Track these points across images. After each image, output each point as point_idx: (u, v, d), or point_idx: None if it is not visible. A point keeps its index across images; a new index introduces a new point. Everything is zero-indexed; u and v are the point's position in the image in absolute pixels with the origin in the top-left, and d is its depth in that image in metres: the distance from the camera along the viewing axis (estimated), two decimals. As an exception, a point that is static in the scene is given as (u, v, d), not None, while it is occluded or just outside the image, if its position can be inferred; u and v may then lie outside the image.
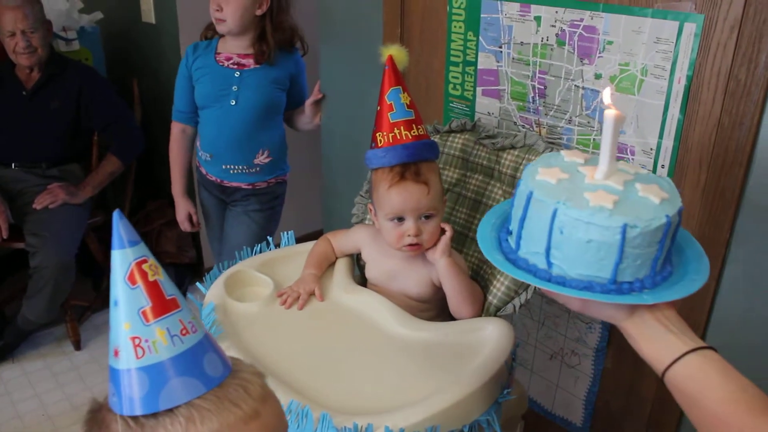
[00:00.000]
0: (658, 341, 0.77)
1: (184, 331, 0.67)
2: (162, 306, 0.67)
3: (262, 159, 2.24)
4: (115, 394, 0.66)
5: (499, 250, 0.86)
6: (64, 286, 2.53)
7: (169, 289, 0.68)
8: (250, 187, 2.27)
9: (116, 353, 0.66)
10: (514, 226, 0.85)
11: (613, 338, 1.63)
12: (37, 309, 2.53)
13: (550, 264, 0.79)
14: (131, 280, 0.66)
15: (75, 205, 2.60)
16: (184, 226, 2.42)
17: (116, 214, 0.66)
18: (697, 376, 0.74)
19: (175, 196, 2.39)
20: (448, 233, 1.32)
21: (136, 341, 0.65)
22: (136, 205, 3.21)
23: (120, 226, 0.66)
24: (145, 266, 0.67)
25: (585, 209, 0.76)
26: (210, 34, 2.23)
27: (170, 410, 0.65)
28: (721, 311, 1.41)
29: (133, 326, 0.65)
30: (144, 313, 0.66)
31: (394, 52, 1.33)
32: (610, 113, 0.78)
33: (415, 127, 1.31)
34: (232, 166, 2.23)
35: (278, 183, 2.34)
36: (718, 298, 1.41)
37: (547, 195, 0.78)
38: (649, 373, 1.56)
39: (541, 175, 0.82)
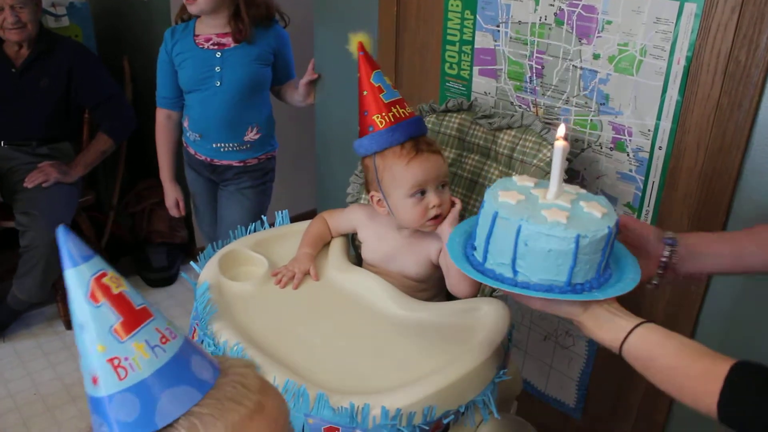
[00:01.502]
0: (609, 325, 0.92)
1: (163, 339, 0.62)
2: (134, 318, 0.61)
3: (251, 136, 2.23)
4: (104, 423, 0.61)
5: (468, 263, 0.98)
6: (54, 266, 2.50)
7: (137, 298, 0.62)
8: (241, 164, 2.26)
9: (95, 380, 0.60)
10: (479, 242, 0.96)
11: (607, 320, 1.63)
12: (28, 288, 2.51)
13: (515, 272, 0.92)
14: (94, 298, 0.60)
15: (66, 184, 2.57)
16: (173, 211, 2.43)
17: (61, 231, 0.59)
18: (645, 343, 0.89)
19: (163, 181, 2.38)
20: (458, 206, 1.32)
21: (115, 362, 0.60)
22: (127, 184, 3.18)
23: (69, 243, 0.59)
24: (105, 280, 0.61)
25: (544, 224, 0.88)
26: (186, 15, 2.19)
27: (169, 425, 0.61)
28: (716, 292, 1.41)
29: (108, 347, 0.60)
30: (116, 330, 0.60)
31: (362, 38, 1.34)
32: (559, 144, 0.90)
33: (406, 105, 1.33)
34: (222, 145, 2.22)
35: (268, 159, 2.33)
36: (713, 280, 1.41)
37: (512, 214, 0.90)
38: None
39: (502, 197, 0.94)
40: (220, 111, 2.16)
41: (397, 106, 1.31)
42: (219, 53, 2.12)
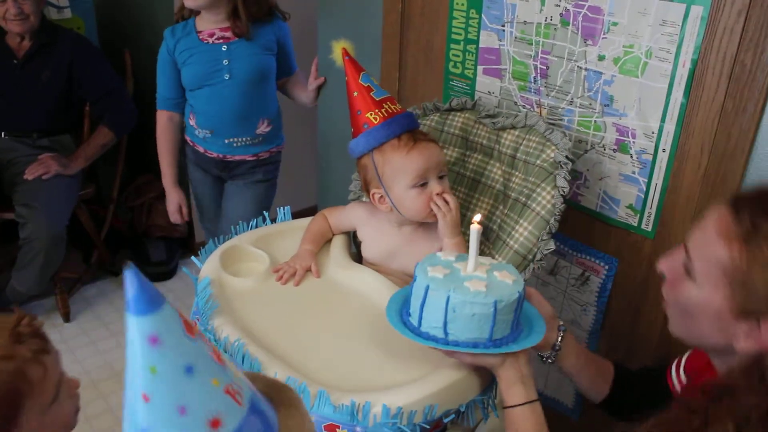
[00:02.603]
0: (512, 389, 1.08)
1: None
2: (214, 347, 0.58)
3: (263, 128, 2.23)
4: None
5: (406, 328, 1.12)
6: (54, 258, 2.50)
7: None
8: (254, 158, 2.26)
9: (216, 423, 0.55)
10: (414, 310, 1.11)
11: (606, 321, 1.64)
12: (27, 280, 2.51)
13: (447, 333, 1.07)
14: (191, 332, 0.55)
15: (66, 177, 2.57)
16: (175, 217, 2.37)
17: (131, 272, 0.52)
18: (523, 420, 1.07)
19: (166, 186, 2.33)
20: (453, 208, 1.31)
21: (230, 389, 0.57)
22: (127, 178, 3.18)
23: (145, 284, 0.53)
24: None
25: (468, 294, 1.05)
26: (186, 12, 2.17)
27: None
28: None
29: (220, 379, 0.56)
30: (216, 359, 0.57)
31: (345, 45, 1.41)
32: (474, 227, 1.08)
33: (396, 102, 1.37)
34: (235, 140, 2.20)
35: (278, 152, 2.34)
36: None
37: (440, 286, 1.06)
38: (641, 357, 1.58)
39: (431, 272, 1.10)
40: (230, 105, 2.14)
41: (388, 102, 1.35)
42: (225, 46, 2.11)
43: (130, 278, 0.52)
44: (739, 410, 0.80)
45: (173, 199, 2.33)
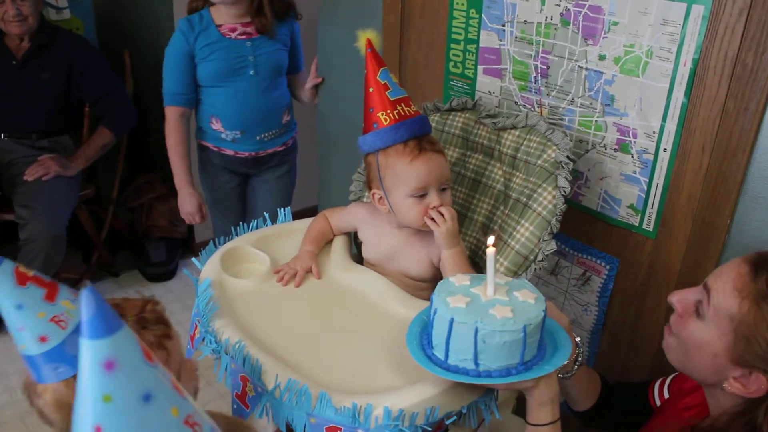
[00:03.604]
0: (541, 409, 1.08)
1: None
2: (173, 378, 0.55)
3: (286, 118, 2.25)
4: None
5: (432, 363, 1.07)
6: (54, 259, 2.50)
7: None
8: (283, 147, 2.27)
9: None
10: (438, 343, 1.06)
11: (608, 321, 1.63)
12: (27, 281, 2.50)
13: (477, 364, 1.03)
14: (149, 358, 0.51)
15: (66, 178, 2.57)
16: (194, 218, 2.20)
17: (89, 292, 0.48)
18: None
19: (180, 187, 2.17)
20: (449, 219, 1.29)
21: (191, 420, 0.53)
22: (127, 179, 3.18)
23: (104, 305, 0.48)
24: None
25: (496, 322, 1.00)
26: (200, 3, 2.10)
27: None
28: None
29: (180, 409, 0.53)
30: (177, 388, 0.54)
31: (371, 35, 1.35)
32: (491, 251, 1.05)
33: (412, 104, 1.33)
34: (266, 134, 2.19)
35: (296, 135, 2.36)
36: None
37: (466, 318, 1.01)
38: (642, 355, 1.58)
39: (453, 303, 1.04)
40: (260, 101, 2.13)
41: (402, 104, 1.32)
42: (249, 42, 2.08)
43: (88, 299, 0.47)
44: None
45: (192, 199, 2.17)
